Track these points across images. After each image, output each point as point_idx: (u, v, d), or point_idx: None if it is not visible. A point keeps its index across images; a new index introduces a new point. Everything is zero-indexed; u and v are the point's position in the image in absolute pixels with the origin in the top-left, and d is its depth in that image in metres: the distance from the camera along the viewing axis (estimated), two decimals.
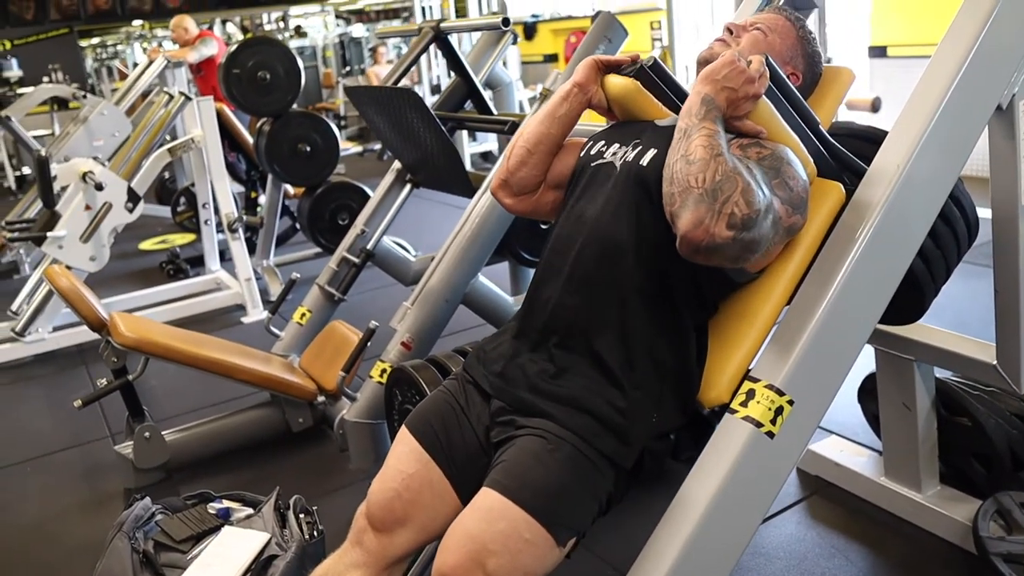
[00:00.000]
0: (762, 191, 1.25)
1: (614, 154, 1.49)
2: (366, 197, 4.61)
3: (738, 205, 1.20)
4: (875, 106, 5.94)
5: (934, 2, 5.37)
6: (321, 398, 2.87)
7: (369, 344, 2.66)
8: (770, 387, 1.34)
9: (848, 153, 1.51)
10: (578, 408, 1.33)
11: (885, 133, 1.53)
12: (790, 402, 1.34)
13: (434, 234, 4.45)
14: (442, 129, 2.69)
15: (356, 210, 4.58)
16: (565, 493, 1.29)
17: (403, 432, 1.51)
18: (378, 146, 8.71)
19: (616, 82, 1.53)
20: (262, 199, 5.43)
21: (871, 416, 2.33)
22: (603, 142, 1.55)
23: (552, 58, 10.02)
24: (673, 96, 1.55)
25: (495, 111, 3.15)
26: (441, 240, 2.86)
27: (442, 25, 2.91)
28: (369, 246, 3.23)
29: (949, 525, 2.02)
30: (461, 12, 7.75)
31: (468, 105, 3.16)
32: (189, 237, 5.73)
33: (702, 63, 1.55)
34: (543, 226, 3.66)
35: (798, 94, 1.47)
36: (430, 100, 2.73)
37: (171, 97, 4.30)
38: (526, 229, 3.44)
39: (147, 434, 2.62)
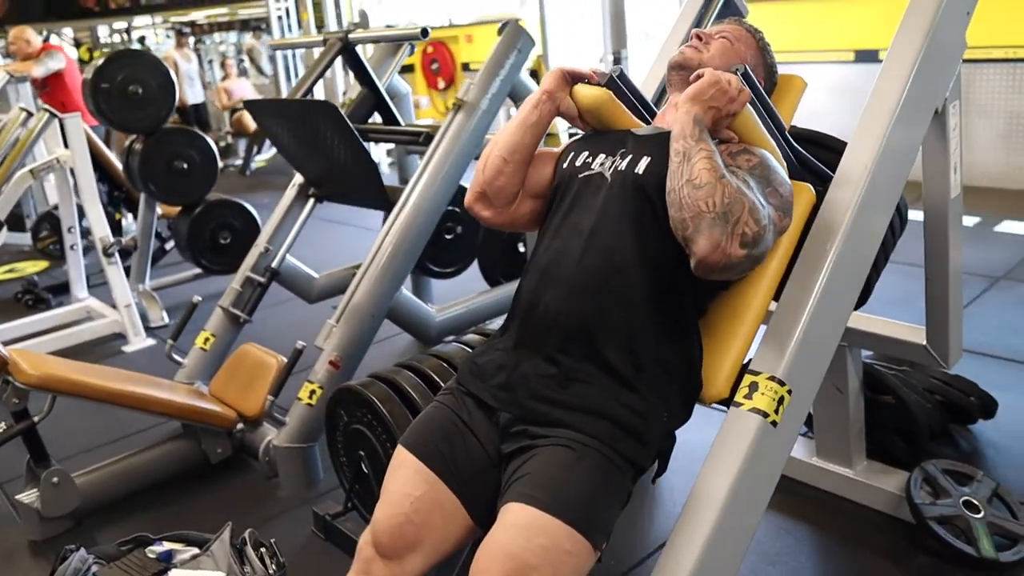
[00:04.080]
0: (763, 205, 1.32)
1: (601, 164, 1.50)
2: (248, 214, 4.45)
3: (748, 224, 1.26)
4: None
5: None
6: (240, 425, 2.73)
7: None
8: (773, 378, 1.41)
9: (811, 157, 1.61)
10: (597, 415, 1.34)
11: (837, 140, 1.65)
12: (789, 392, 1.42)
13: (318, 251, 4.32)
14: (361, 142, 2.65)
15: (238, 228, 4.41)
16: (599, 500, 1.29)
17: (403, 454, 1.46)
18: (239, 161, 8.38)
19: (588, 92, 1.55)
20: (126, 221, 5.11)
21: None
22: (586, 153, 1.55)
23: (408, 68, 9.98)
24: (639, 106, 1.61)
25: (402, 122, 3.12)
26: (328, 257, 2.78)
27: (351, 36, 2.85)
28: (274, 264, 3.11)
29: (881, 496, 2.18)
30: (319, 24, 7.59)
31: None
32: (42, 264, 5.29)
33: (675, 67, 1.61)
34: (447, 236, 3.67)
35: (769, 102, 1.55)
36: None
37: (29, 114, 3.96)
38: (431, 242, 3.44)
39: (55, 479, 2.41)
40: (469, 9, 8.60)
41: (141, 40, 10.71)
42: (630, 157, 1.47)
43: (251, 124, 8.62)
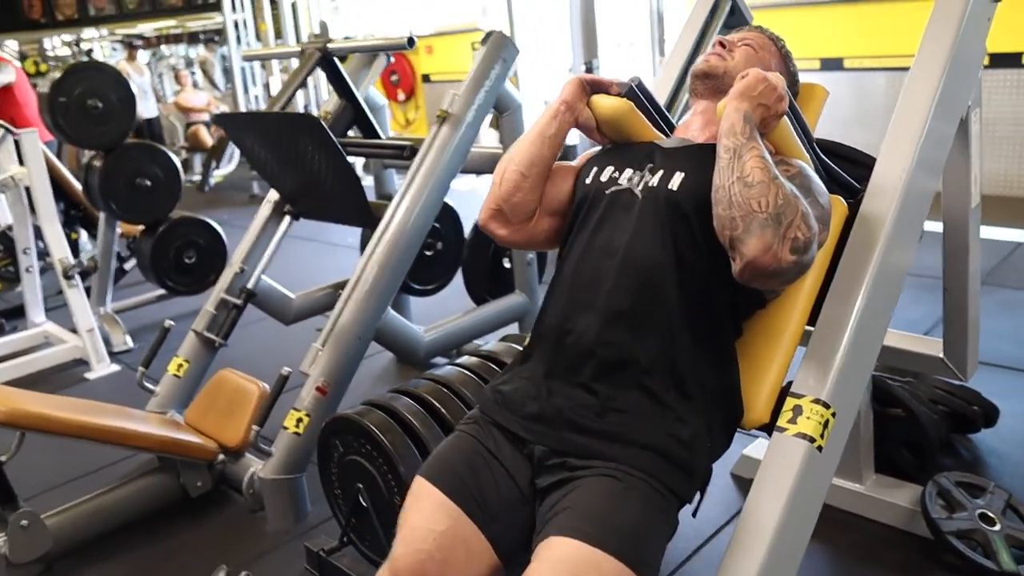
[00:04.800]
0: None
1: (629, 180, 1.43)
2: (213, 232, 4.29)
3: (800, 229, 1.20)
4: None
5: None
6: (220, 456, 2.60)
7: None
8: (817, 401, 1.35)
9: (838, 170, 1.55)
10: (642, 446, 1.27)
11: (861, 152, 1.60)
12: (834, 414, 1.36)
13: (287, 269, 4.16)
14: (344, 158, 2.54)
15: (203, 247, 4.25)
16: (648, 533, 1.22)
17: (423, 485, 1.37)
18: (196, 177, 8.15)
19: (608, 103, 1.49)
20: (83, 240, 4.92)
21: None
22: (611, 167, 1.47)
23: None
24: (658, 117, 1.55)
25: (382, 135, 3.02)
26: (297, 275, 2.66)
27: (329, 46, 2.74)
28: (250, 285, 2.98)
29: (893, 511, 2.13)
30: (278, 35, 7.43)
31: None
32: None
33: (700, 76, 1.54)
34: (427, 253, 3.56)
35: (800, 112, 1.49)
36: None
37: None
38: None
39: (24, 522, 2.25)
40: (429, 20, 8.50)
41: (88, 53, 10.39)
42: (661, 172, 1.40)
43: (207, 139, 8.41)
